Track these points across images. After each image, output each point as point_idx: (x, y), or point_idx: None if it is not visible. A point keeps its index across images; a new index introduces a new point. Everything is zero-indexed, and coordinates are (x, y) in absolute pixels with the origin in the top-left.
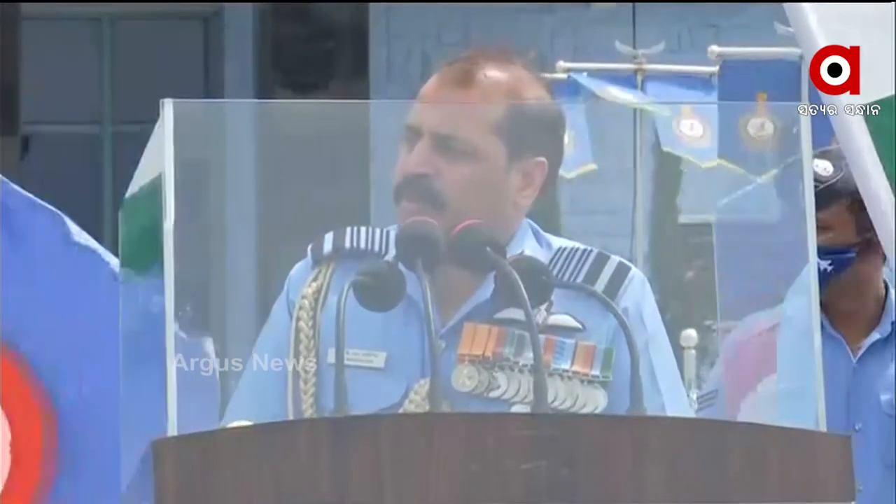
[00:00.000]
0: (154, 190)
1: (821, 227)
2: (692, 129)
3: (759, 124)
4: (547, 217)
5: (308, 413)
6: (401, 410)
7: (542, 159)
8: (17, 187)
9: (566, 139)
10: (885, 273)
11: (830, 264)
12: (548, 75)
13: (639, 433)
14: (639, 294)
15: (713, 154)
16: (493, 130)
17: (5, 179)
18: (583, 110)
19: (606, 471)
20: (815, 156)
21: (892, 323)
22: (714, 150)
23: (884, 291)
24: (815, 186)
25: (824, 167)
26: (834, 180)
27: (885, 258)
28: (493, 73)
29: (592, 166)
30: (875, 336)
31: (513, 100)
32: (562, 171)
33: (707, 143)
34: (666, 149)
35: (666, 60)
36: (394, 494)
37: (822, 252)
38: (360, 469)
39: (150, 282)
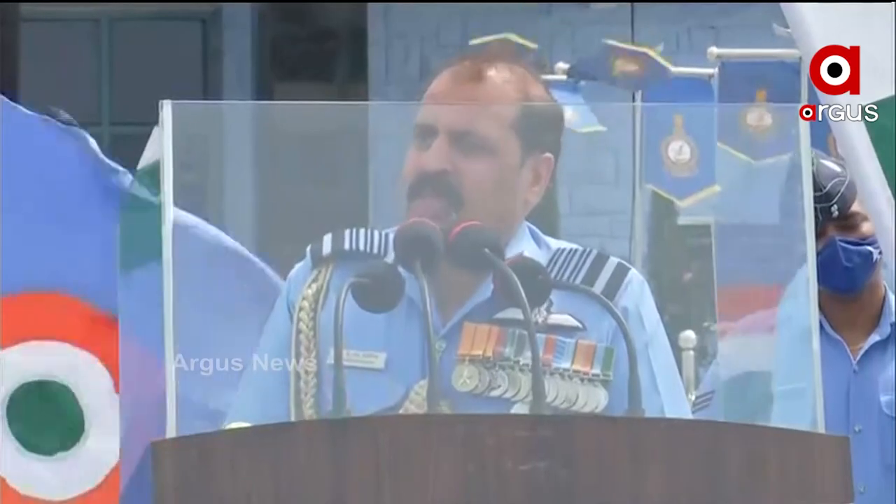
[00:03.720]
0: (154, 183)
1: (861, 220)
2: (680, 152)
3: (758, 116)
4: (546, 218)
5: (308, 414)
6: (401, 411)
7: (549, 155)
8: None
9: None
10: (884, 275)
11: (879, 252)
12: (547, 76)
13: (637, 434)
14: (638, 295)
15: (697, 185)
16: (508, 125)
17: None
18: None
19: (605, 472)
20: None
21: (892, 324)
22: (698, 178)
23: (883, 293)
24: (839, 182)
25: (833, 163)
26: (849, 173)
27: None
28: (503, 71)
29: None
30: (875, 338)
31: (521, 96)
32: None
33: (693, 170)
34: (649, 185)
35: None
36: (392, 496)
37: (871, 242)
38: (359, 470)
39: (150, 278)
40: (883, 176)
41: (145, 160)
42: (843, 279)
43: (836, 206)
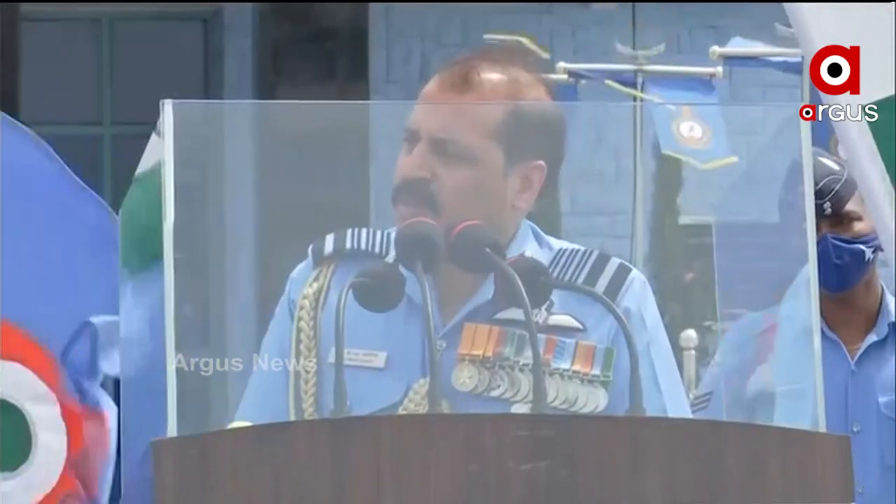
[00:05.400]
0: (154, 187)
1: (854, 218)
2: (692, 130)
3: (689, 127)
4: (547, 218)
5: (309, 413)
6: (401, 410)
7: (541, 163)
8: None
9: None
10: (884, 274)
11: (873, 251)
12: (549, 76)
13: (638, 434)
14: (639, 295)
15: (714, 154)
16: (490, 134)
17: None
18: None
19: (606, 472)
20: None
21: (889, 324)
22: (714, 150)
23: (880, 293)
24: (834, 180)
25: (832, 161)
26: (847, 172)
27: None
28: (492, 77)
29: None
30: (872, 338)
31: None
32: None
33: (707, 144)
34: (666, 151)
35: (666, 61)
36: (393, 495)
37: (865, 241)
38: (360, 470)
39: (150, 281)
40: (885, 174)
41: (145, 160)
42: (834, 277)
43: (828, 204)
